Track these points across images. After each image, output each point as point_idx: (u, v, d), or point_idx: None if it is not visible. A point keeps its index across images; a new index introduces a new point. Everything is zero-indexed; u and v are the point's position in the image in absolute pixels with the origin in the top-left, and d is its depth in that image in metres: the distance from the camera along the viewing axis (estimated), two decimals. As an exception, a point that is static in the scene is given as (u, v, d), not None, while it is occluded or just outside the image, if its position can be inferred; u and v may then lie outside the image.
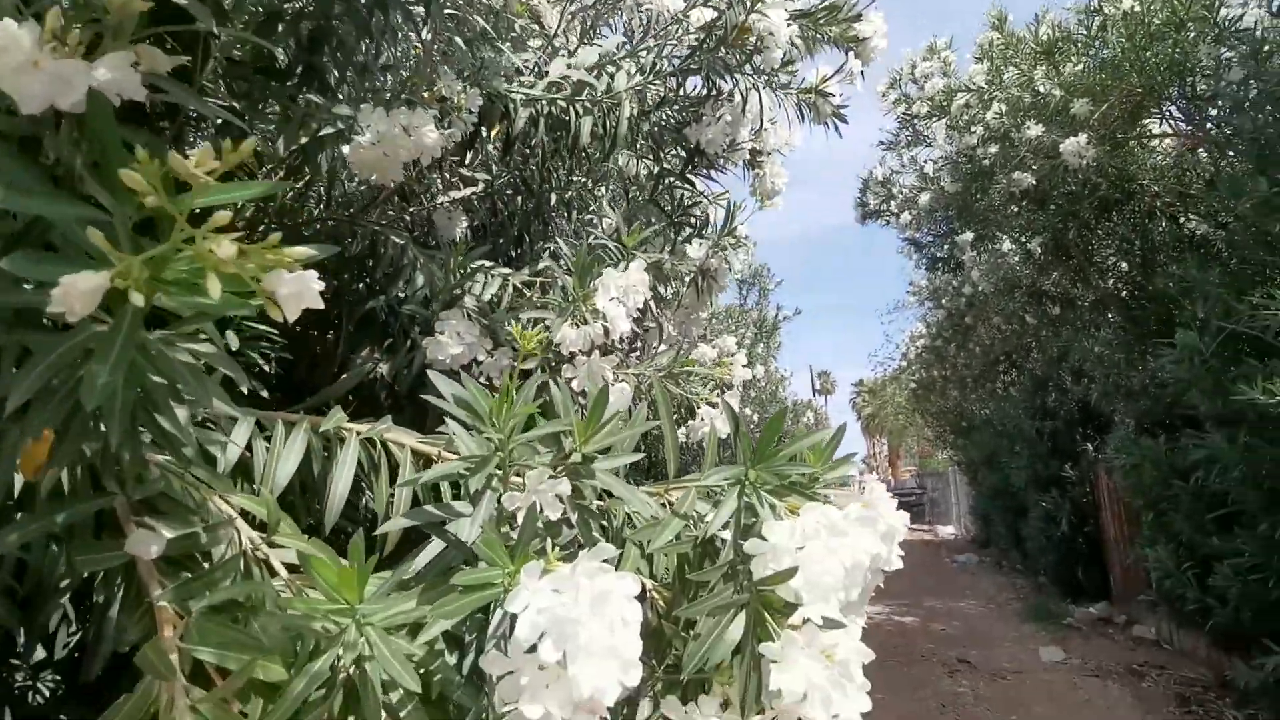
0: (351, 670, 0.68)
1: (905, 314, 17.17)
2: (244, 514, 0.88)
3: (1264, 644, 3.87)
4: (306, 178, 2.43)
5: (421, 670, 0.74)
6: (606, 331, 1.45)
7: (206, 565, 0.75)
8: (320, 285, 0.45)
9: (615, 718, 0.84)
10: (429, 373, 0.81)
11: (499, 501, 0.77)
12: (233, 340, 1.57)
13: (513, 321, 1.27)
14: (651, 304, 2.01)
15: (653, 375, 1.65)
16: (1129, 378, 5.51)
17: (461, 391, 0.76)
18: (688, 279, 2.05)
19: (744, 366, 1.82)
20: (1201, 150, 5.54)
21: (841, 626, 0.78)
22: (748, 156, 2.38)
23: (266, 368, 1.64)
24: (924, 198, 6.92)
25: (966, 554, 13.31)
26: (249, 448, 1.17)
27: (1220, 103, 4.51)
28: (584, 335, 1.40)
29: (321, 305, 0.46)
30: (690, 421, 1.77)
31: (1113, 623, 7.67)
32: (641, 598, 1.01)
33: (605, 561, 0.69)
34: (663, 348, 2.08)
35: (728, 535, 0.85)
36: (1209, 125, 5.03)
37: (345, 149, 1.47)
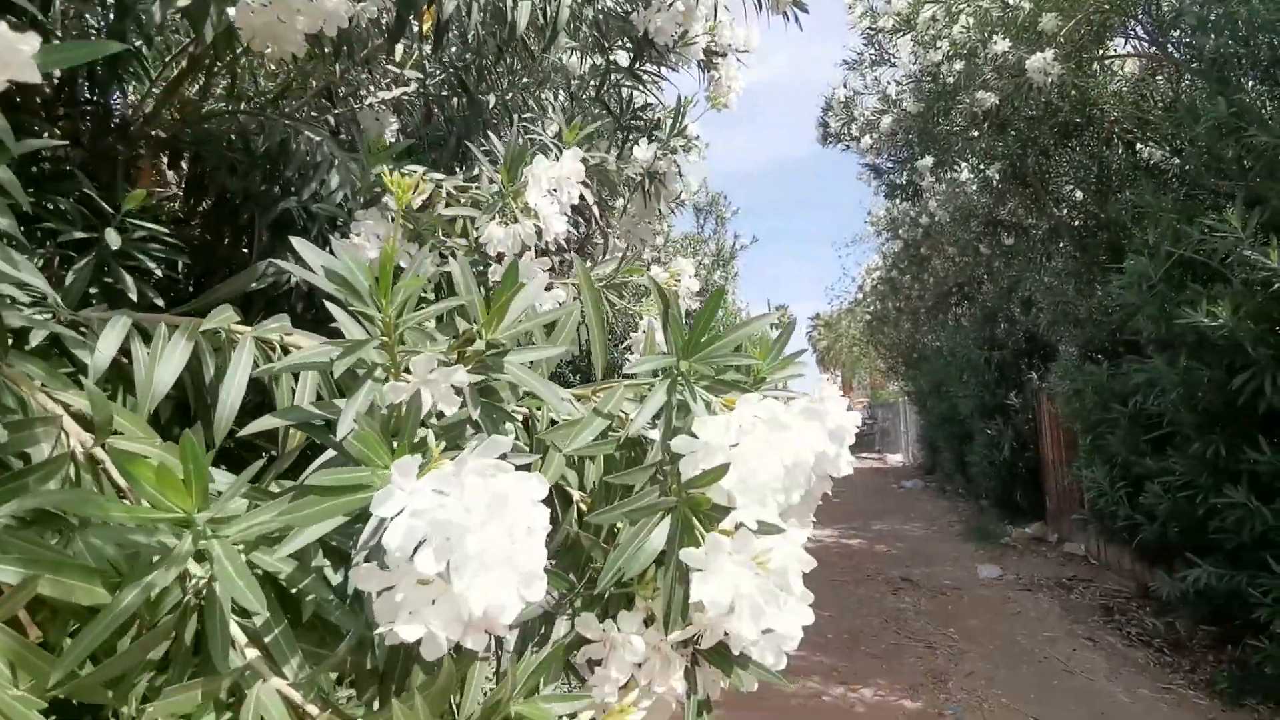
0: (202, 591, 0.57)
1: (862, 246, 17.25)
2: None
3: (1187, 558, 4.06)
4: (210, 68, 2.17)
5: (293, 589, 0.63)
6: (539, 232, 1.31)
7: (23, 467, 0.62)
8: (32, 46, 0.31)
9: (528, 639, 0.75)
10: (292, 239, 0.67)
11: (384, 395, 0.64)
12: (113, 239, 1.38)
13: (388, 169, 1.11)
14: (595, 211, 1.86)
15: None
16: (1077, 306, 5.59)
17: (333, 262, 0.63)
18: (635, 185, 1.90)
19: (691, 278, 1.70)
20: (1160, 77, 5.48)
21: (779, 532, 0.69)
22: (702, 57, 2.20)
23: (159, 272, 1.46)
24: (886, 120, 6.77)
25: (913, 480, 13.80)
26: (130, 355, 1.02)
27: (1183, 23, 4.42)
28: (513, 234, 1.26)
29: (38, 78, 0.32)
30: (632, 335, 1.66)
31: (1046, 541, 8.07)
32: (565, 507, 0.92)
33: (524, 468, 0.59)
34: (608, 259, 1.94)
35: (656, 435, 0.75)
36: (1170, 47, 4.96)
37: (232, 11, 1.26)
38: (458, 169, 2.37)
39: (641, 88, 2.04)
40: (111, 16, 1.72)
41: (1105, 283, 5.07)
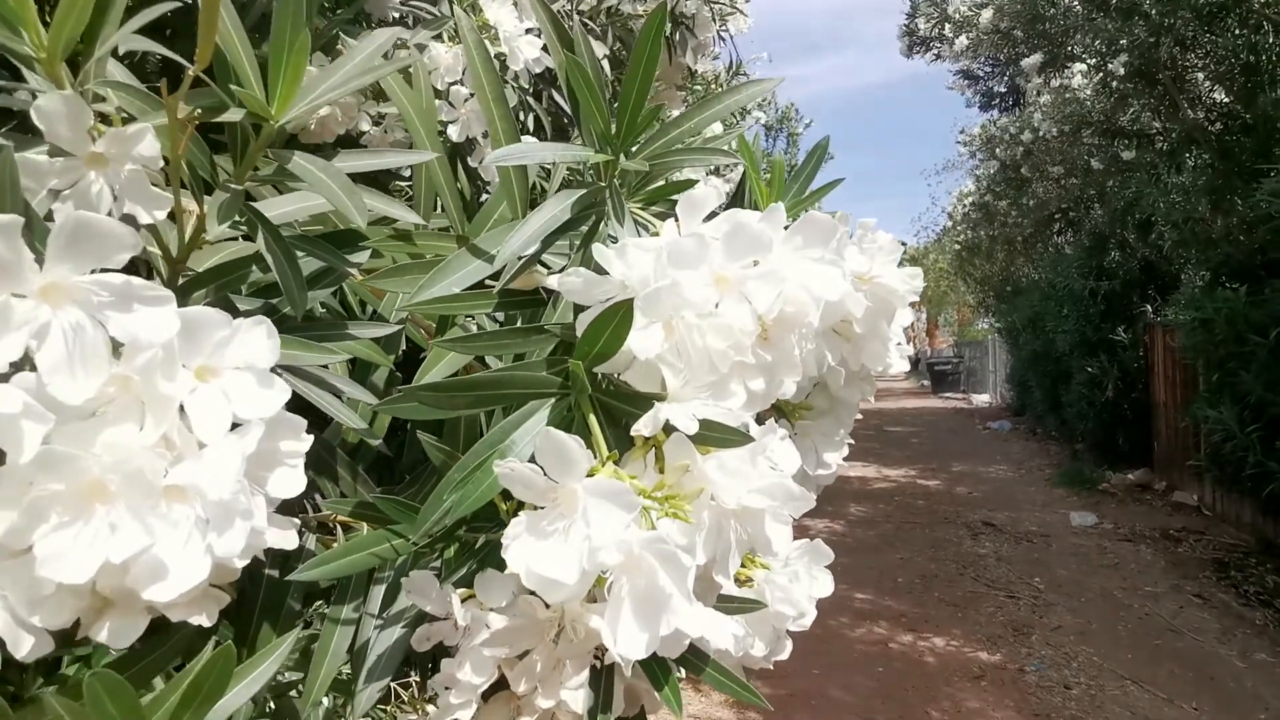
0: None
1: (955, 173, 16.03)
2: None
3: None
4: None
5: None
6: (502, 61, 0.99)
7: None
8: None
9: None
10: None
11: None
12: None
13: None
14: (605, 66, 1.52)
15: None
16: (1210, 224, 4.82)
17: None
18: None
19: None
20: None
21: (741, 441, 0.38)
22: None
23: None
24: (985, 15, 5.91)
25: (1000, 421, 13.00)
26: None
27: None
28: (457, 56, 0.94)
29: None
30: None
31: (1151, 489, 7.38)
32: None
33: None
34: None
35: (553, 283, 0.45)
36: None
37: None
38: None
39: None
40: None
41: (1248, 195, 4.32)
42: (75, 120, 0.43)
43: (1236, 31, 4.84)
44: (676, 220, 0.48)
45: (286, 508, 0.42)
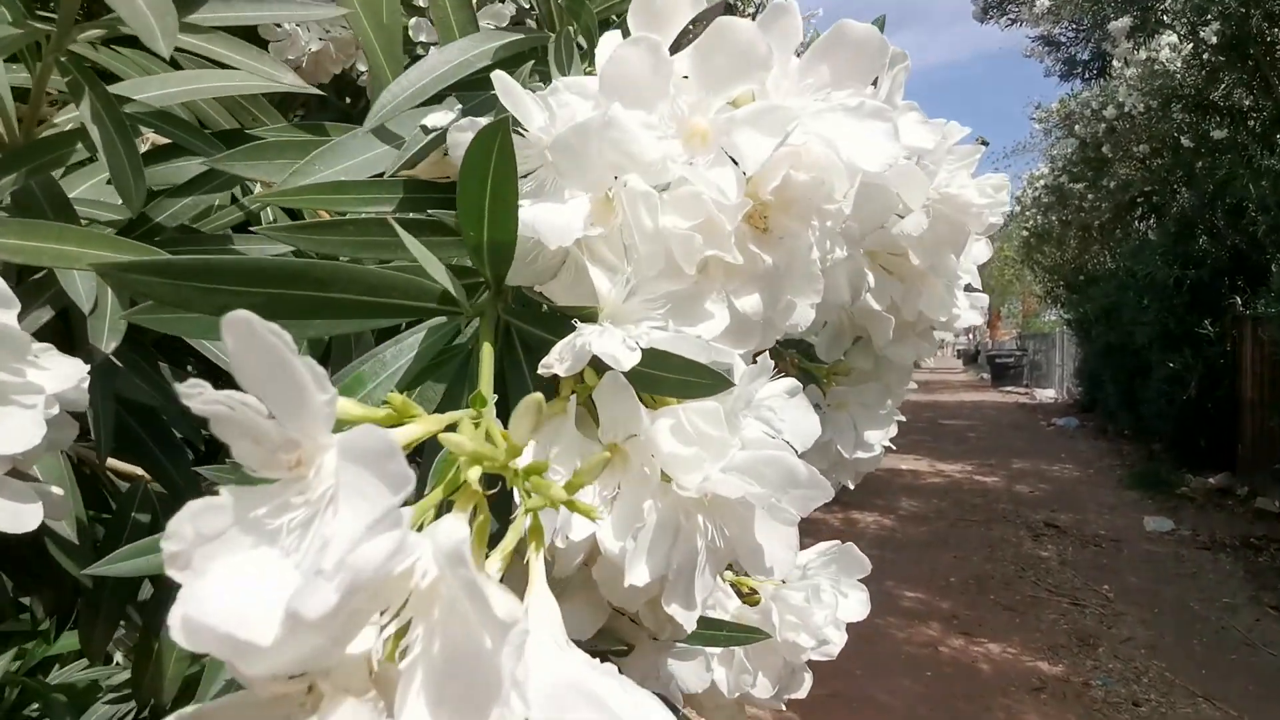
0: None
1: (1025, 156, 15.27)
2: None
3: None
4: None
5: None
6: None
7: None
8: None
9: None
10: None
11: None
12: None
13: None
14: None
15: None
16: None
17: None
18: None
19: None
20: None
21: (709, 388, 0.21)
22: None
23: None
24: (1070, -24, 5.46)
25: (1067, 417, 12.35)
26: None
27: None
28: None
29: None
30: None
31: (1233, 494, 6.85)
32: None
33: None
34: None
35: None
36: None
37: None
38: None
39: None
40: None
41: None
42: None
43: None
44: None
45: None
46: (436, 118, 0.36)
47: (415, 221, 0.34)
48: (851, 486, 0.67)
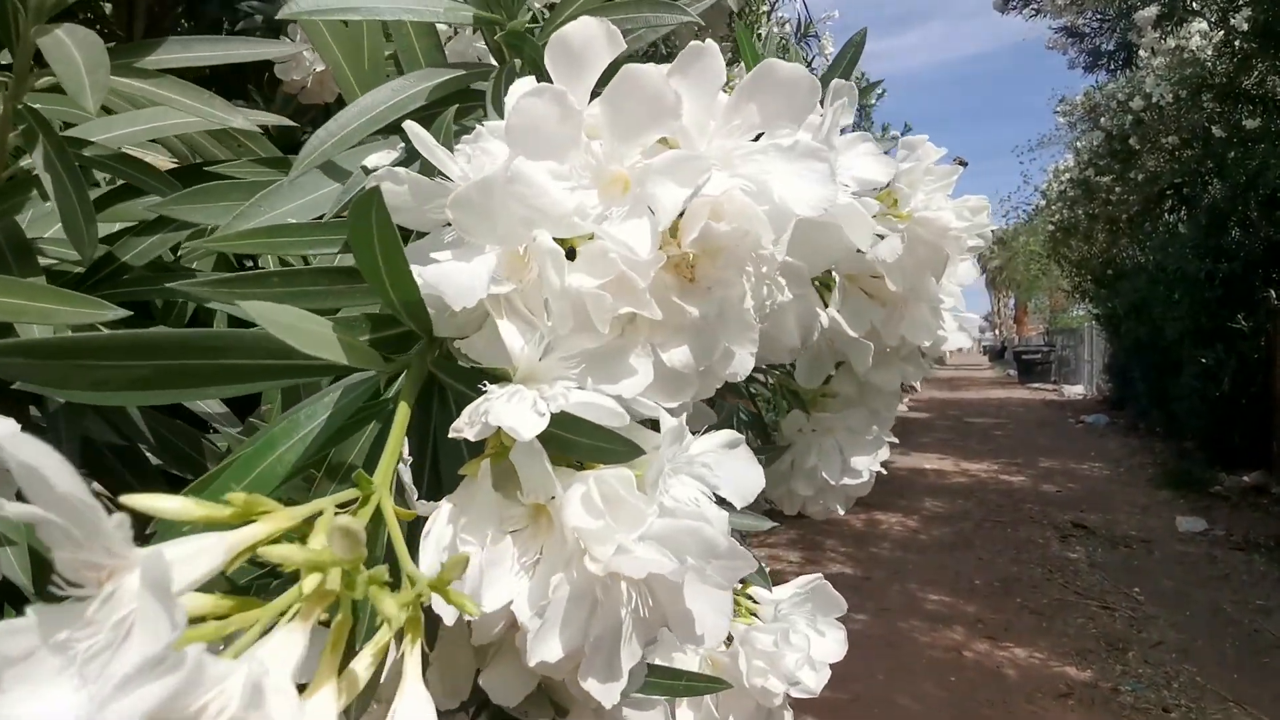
0: None
1: (1050, 149, 15.00)
2: None
3: None
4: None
5: None
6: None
7: None
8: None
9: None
10: None
11: None
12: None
13: None
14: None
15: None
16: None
17: None
18: None
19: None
20: None
21: (621, 454, 0.21)
22: None
23: None
24: (1092, -34, 5.33)
25: (1096, 415, 12.10)
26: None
27: None
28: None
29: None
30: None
31: (1268, 493, 6.66)
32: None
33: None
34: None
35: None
36: None
37: None
38: None
39: None
40: None
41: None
42: None
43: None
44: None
45: None
46: (377, 157, 0.35)
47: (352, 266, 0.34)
48: (842, 512, 0.65)
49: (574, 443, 0.26)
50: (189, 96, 0.42)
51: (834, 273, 0.49)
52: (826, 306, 0.49)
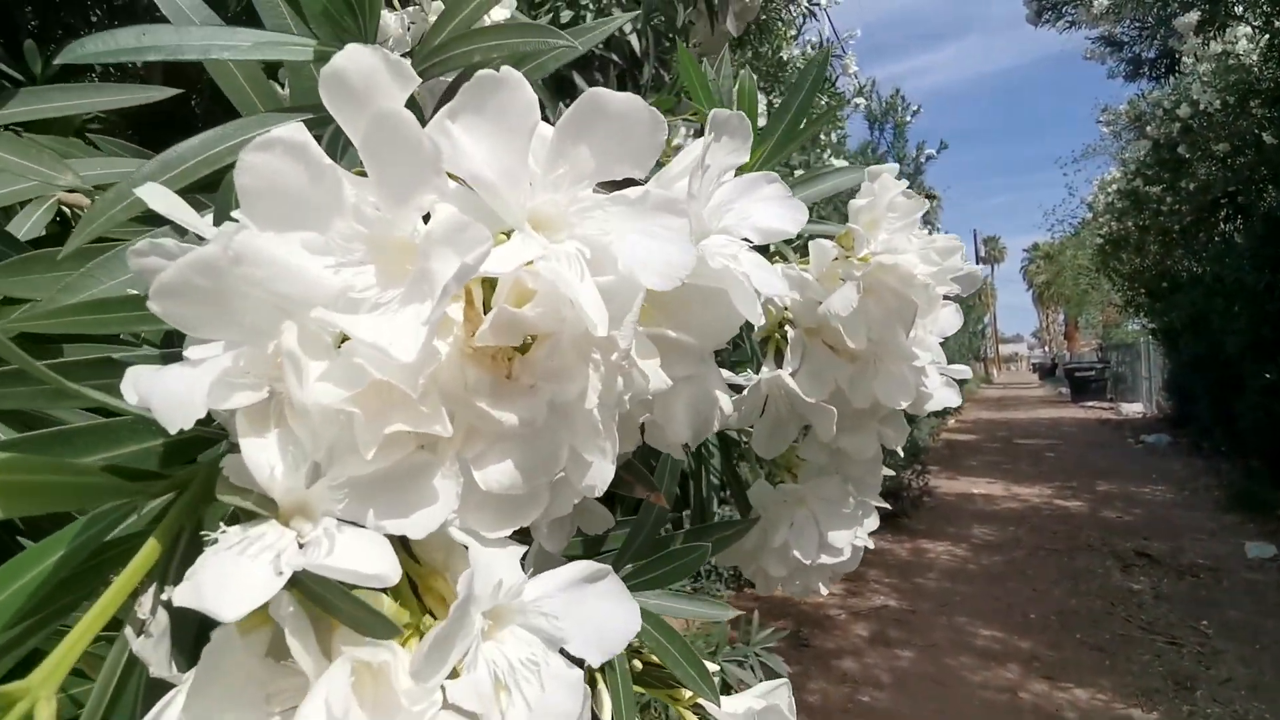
0: None
1: (1095, 160, 14.60)
2: None
3: None
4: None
5: None
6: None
7: None
8: None
9: None
10: None
11: None
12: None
13: None
14: (634, 41, 1.29)
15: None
16: None
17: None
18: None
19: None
20: None
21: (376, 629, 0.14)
22: None
23: None
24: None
25: (1157, 434, 11.55)
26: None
27: None
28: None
29: None
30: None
31: (1347, 517, 6.22)
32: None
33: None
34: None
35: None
36: None
37: None
38: None
39: None
40: None
41: None
42: None
43: None
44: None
45: None
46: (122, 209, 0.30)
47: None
48: (824, 592, 0.57)
49: (331, 604, 0.20)
50: (20, 155, 0.37)
51: (787, 326, 0.43)
52: (780, 364, 0.43)
